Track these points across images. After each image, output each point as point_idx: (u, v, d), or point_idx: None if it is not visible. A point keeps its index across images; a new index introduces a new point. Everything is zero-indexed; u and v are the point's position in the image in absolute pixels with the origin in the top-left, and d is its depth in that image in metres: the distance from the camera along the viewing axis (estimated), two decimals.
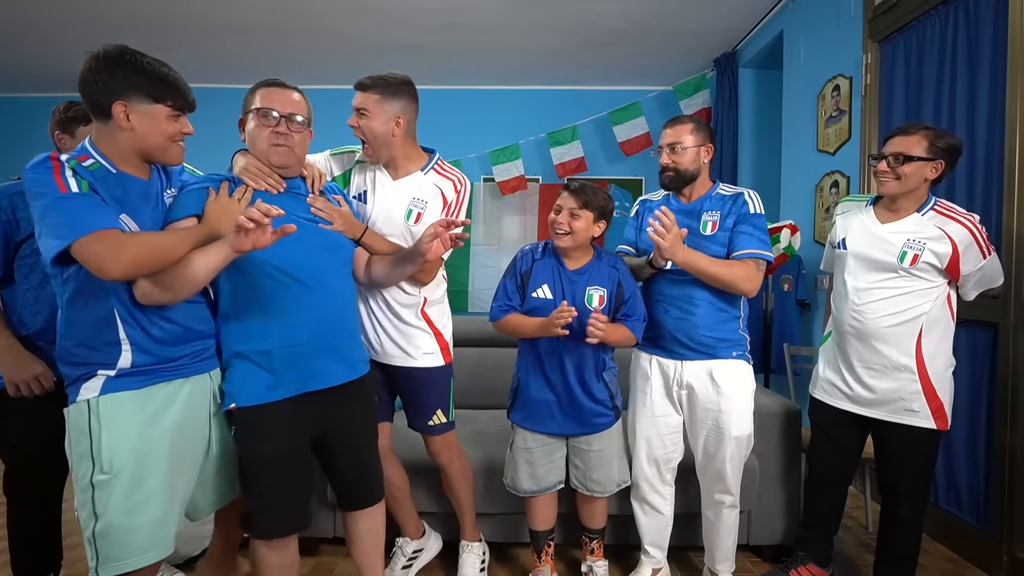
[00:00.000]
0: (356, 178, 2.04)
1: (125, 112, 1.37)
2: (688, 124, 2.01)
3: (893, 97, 2.94)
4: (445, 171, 2.02)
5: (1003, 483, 2.28)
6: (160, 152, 1.44)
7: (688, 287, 1.98)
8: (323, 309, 1.63)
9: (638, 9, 4.11)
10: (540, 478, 2.05)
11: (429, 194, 1.96)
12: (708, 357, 1.99)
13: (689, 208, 2.04)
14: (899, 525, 1.99)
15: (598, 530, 2.16)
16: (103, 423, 1.36)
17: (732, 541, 2.11)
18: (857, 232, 2.01)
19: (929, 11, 2.70)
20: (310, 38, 4.60)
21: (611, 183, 5.74)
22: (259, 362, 1.57)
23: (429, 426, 2.06)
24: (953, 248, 1.84)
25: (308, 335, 1.60)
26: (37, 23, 4.27)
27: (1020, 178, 2.24)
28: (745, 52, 4.75)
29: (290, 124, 1.60)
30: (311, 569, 2.32)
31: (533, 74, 5.45)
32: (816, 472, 2.14)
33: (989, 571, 2.33)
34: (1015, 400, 2.24)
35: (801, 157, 3.88)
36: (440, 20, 4.30)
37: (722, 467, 2.01)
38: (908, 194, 1.91)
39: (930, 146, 1.85)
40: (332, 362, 1.65)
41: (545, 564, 2.14)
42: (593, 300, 1.97)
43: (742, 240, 1.95)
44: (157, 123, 1.41)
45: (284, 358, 1.58)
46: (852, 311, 1.97)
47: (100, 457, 1.35)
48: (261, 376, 1.57)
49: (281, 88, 1.63)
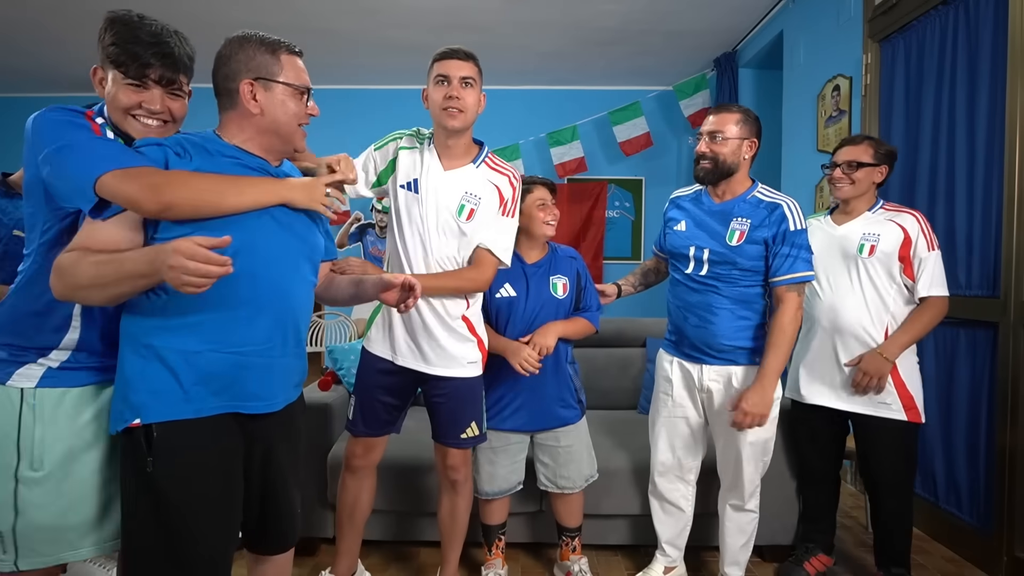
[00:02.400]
0: (403, 165, 1.84)
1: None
2: (735, 113, 1.90)
3: (893, 97, 2.94)
4: (498, 165, 1.88)
5: (1003, 483, 2.28)
6: None
7: (708, 295, 1.94)
8: (280, 313, 1.31)
9: (638, 9, 4.11)
10: (501, 479, 2.05)
11: (484, 190, 1.82)
12: (728, 363, 1.95)
13: (719, 209, 1.95)
14: (887, 517, 2.08)
15: (576, 528, 2.17)
16: (38, 417, 1.24)
17: (743, 544, 2.08)
18: (819, 238, 2.11)
19: (929, 11, 2.69)
20: (310, 38, 4.59)
21: (611, 183, 5.74)
22: (174, 365, 1.21)
23: (461, 439, 1.90)
24: (905, 235, 2.00)
25: (255, 343, 1.27)
26: (37, 23, 4.27)
27: (1020, 178, 2.23)
28: (745, 52, 4.75)
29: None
30: (311, 569, 2.31)
31: (533, 74, 5.45)
32: (806, 468, 2.26)
33: (989, 571, 2.32)
34: (1015, 400, 2.24)
35: (801, 157, 3.88)
36: (440, 20, 4.30)
37: (738, 470, 1.99)
38: (859, 197, 2.09)
39: (875, 153, 2.06)
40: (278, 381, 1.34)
41: (496, 557, 2.15)
42: (557, 288, 2.05)
43: (787, 264, 1.85)
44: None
45: (216, 364, 1.24)
46: (823, 308, 2.09)
47: (31, 453, 1.23)
48: (176, 386, 1.21)
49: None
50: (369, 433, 1.93)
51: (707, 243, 1.93)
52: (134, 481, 1.22)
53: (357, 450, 1.95)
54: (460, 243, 1.82)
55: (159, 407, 1.20)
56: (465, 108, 1.74)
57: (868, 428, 2.06)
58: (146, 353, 1.21)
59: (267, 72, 1.28)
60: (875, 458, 2.07)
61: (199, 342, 1.22)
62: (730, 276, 1.91)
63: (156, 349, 1.21)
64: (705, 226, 1.96)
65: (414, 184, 1.82)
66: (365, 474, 1.98)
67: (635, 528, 2.39)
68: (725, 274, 1.92)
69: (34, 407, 1.24)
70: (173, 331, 1.21)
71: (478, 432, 1.93)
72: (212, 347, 1.23)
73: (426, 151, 1.84)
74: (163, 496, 1.20)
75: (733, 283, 1.92)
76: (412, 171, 1.83)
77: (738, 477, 2.00)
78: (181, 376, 1.21)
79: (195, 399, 1.22)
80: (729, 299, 1.92)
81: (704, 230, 1.96)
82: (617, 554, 2.44)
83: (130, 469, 1.23)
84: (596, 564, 2.34)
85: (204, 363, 1.22)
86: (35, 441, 1.24)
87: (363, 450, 1.95)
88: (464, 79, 1.73)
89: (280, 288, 1.30)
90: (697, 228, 1.97)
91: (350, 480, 1.98)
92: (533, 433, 2.09)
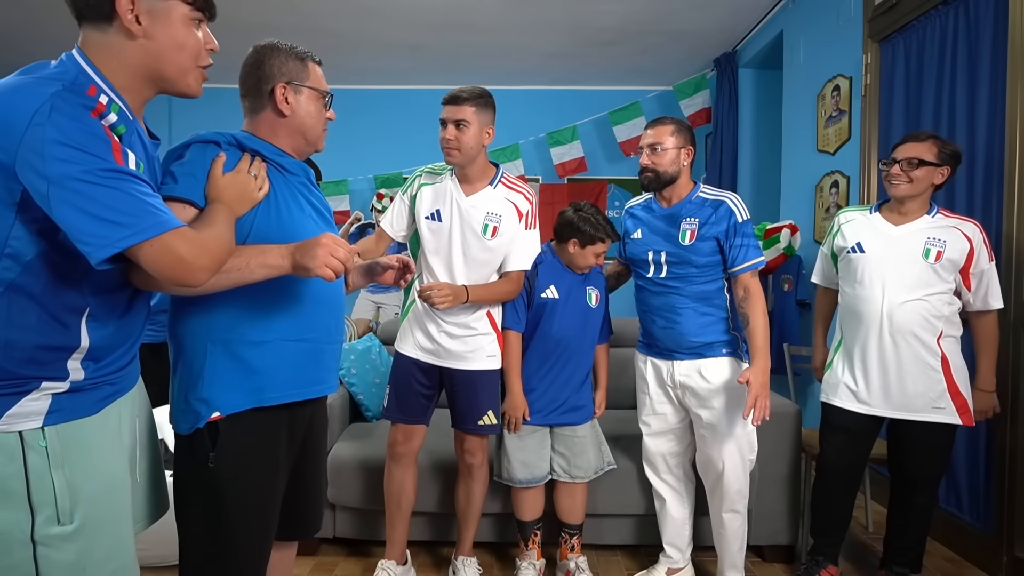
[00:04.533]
0: (426, 199, 2.04)
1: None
2: (669, 125, 2.03)
3: (893, 97, 2.94)
4: (513, 184, 2.07)
5: (1003, 483, 2.28)
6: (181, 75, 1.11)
7: (670, 296, 2.04)
8: (333, 303, 1.41)
9: (638, 9, 4.11)
10: (533, 466, 2.11)
11: (503, 208, 2.02)
12: (697, 357, 2.03)
13: (669, 213, 2.07)
14: (912, 511, 2.06)
15: (578, 526, 2.20)
16: (53, 459, 0.98)
17: (738, 548, 2.10)
18: (872, 236, 2.05)
19: (929, 11, 2.69)
20: (310, 38, 4.59)
21: (611, 183, 5.75)
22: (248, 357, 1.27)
23: (479, 426, 2.07)
24: (970, 244, 1.95)
25: (317, 330, 1.36)
26: (37, 23, 4.28)
27: (1020, 179, 2.23)
28: (745, 52, 4.75)
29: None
30: (311, 569, 2.32)
31: (533, 74, 5.45)
32: (834, 479, 2.14)
33: (989, 571, 2.33)
34: (1015, 400, 2.24)
35: (801, 157, 3.88)
36: (440, 20, 4.30)
37: (720, 468, 2.02)
38: (916, 198, 2.00)
39: (939, 152, 1.96)
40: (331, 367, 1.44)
41: (532, 549, 2.19)
42: (592, 298, 2.17)
43: (741, 253, 1.98)
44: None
45: (285, 353, 1.31)
46: (879, 313, 1.99)
47: (54, 505, 0.98)
48: (250, 376, 1.26)
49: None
50: (405, 419, 2.08)
51: (662, 246, 2.05)
52: (193, 480, 1.26)
53: (399, 437, 2.10)
54: (482, 261, 2.02)
55: (235, 399, 1.25)
56: (460, 147, 1.92)
57: (916, 433, 2.01)
58: (212, 349, 1.25)
59: (297, 78, 1.35)
60: (914, 457, 2.03)
61: (267, 332, 1.28)
62: (688, 275, 2.01)
63: (225, 343, 1.25)
64: (658, 231, 2.07)
65: (437, 214, 2.01)
66: (408, 462, 2.11)
67: (635, 527, 2.39)
68: (684, 274, 2.02)
69: (46, 449, 0.98)
70: (243, 323, 1.26)
71: (496, 420, 2.08)
72: (280, 336, 1.29)
73: (448, 181, 2.03)
74: (220, 490, 1.24)
75: (691, 281, 2.01)
76: (435, 202, 2.02)
77: (722, 476, 2.02)
78: (255, 366, 1.26)
79: (268, 388, 1.28)
80: (690, 298, 2.02)
81: (658, 234, 2.07)
82: (616, 554, 2.45)
83: (188, 469, 1.27)
84: (595, 563, 2.34)
85: (274, 352, 1.28)
86: (57, 490, 0.98)
87: (404, 437, 2.09)
88: (458, 122, 1.91)
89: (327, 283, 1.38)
90: (652, 233, 2.09)
91: (395, 468, 2.11)
92: (552, 425, 2.18)
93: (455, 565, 2.19)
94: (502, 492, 2.26)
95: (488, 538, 2.40)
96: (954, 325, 2.00)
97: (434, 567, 2.34)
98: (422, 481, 2.27)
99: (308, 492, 1.48)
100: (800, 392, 3.62)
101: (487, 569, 2.30)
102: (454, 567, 2.20)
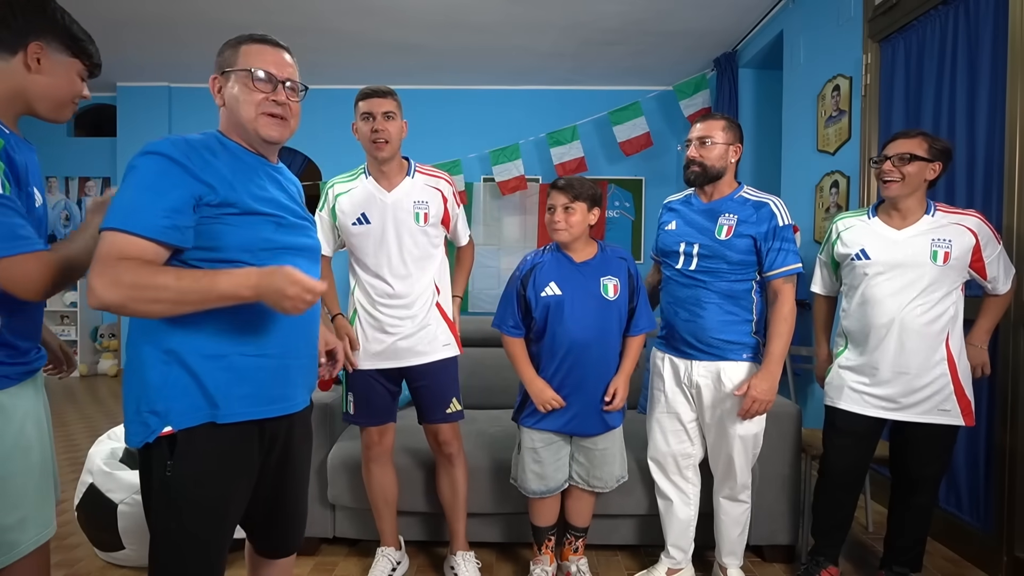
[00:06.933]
0: (346, 207, 2.03)
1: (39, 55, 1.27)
2: (720, 120, 2.02)
3: (893, 97, 2.94)
4: (430, 171, 2.13)
5: (1003, 483, 2.28)
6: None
7: (697, 289, 2.01)
8: (300, 318, 1.28)
9: (637, 9, 4.11)
10: (548, 478, 2.05)
11: (427, 195, 2.06)
12: (717, 359, 2.00)
13: (708, 207, 2.04)
14: (912, 511, 2.07)
15: (584, 528, 2.17)
16: None
17: (738, 535, 2.12)
18: (875, 242, 2.01)
19: (929, 11, 2.70)
20: (310, 38, 4.60)
21: (611, 183, 5.75)
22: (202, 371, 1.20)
23: (447, 414, 2.08)
24: (975, 238, 1.93)
25: (280, 345, 1.29)
26: None
27: (1020, 178, 2.23)
28: (745, 52, 4.75)
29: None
30: (311, 569, 2.32)
31: (533, 74, 5.45)
32: (837, 481, 2.12)
33: (989, 571, 2.32)
34: (1015, 400, 2.24)
35: (801, 157, 3.88)
36: (440, 20, 4.31)
37: (728, 463, 2.04)
38: (909, 196, 1.97)
39: (929, 148, 1.95)
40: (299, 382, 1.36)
41: (545, 554, 2.17)
42: (608, 290, 1.99)
43: (780, 257, 1.96)
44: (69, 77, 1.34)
45: (240, 368, 1.24)
46: (888, 318, 1.96)
47: None
48: (203, 391, 1.20)
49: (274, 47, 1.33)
50: (376, 421, 2.10)
51: (696, 238, 2.02)
52: (155, 489, 1.21)
53: (374, 438, 2.12)
54: (418, 255, 2.04)
55: (186, 413, 1.18)
56: (390, 138, 1.97)
57: (919, 435, 2.00)
58: (168, 358, 1.18)
59: (228, 65, 1.28)
60: (918, 458, 2.02)
61: (224, 346, 1.21)
62: (719, 270, 1.98)
63: (179, 354, 1.18)
64: (694, 223, 2.05)
65: (364, 217, 2.02)
66: (386, 459, 2.16)
67: (636, 528, 2.39)
68: (714, 268, 1.99)
69: None
70: (198, 335, 1.19)
71: (460, 406, 2.12)
72: (237, 351, 1.22)
73: (364, 183, 2.05)
74: (177, 495, 1.19)
75: (721, 277, 1.99)
76: (358, 207, 2.03)
77: (730, 470, 2.05)
78: (206, 381, 1.19)
79: (221, 405, 1.20)
80: (717, 294, 1.99)
81: (693, 227, 2.05)
82: (617, 554, 2.45)
83: (150, 478, 1.21)
84: (596, 564, 2.34)
85: (229, 367, 1.21)
86: None
87: (379, 437, 2.12)
88: (386, 113, 1.96)
89: None
90: (687, 226, 2.06)
91: (375, 468, 2.15)
92: (574, 436, 2.08)
93: (453, 561, 2.18)
94: (502, 492, 2.26)
95: (489, 538, 2.40)
96: (958, 324, 1.98)
97: (434, 567, 2.34)
98: (409, 482, 2.30)
99: (287, 509, 1.42)
100: (800, 392, 3.62)
101: (487, 569, 2.30)
102: (452, 563, 2.19)
